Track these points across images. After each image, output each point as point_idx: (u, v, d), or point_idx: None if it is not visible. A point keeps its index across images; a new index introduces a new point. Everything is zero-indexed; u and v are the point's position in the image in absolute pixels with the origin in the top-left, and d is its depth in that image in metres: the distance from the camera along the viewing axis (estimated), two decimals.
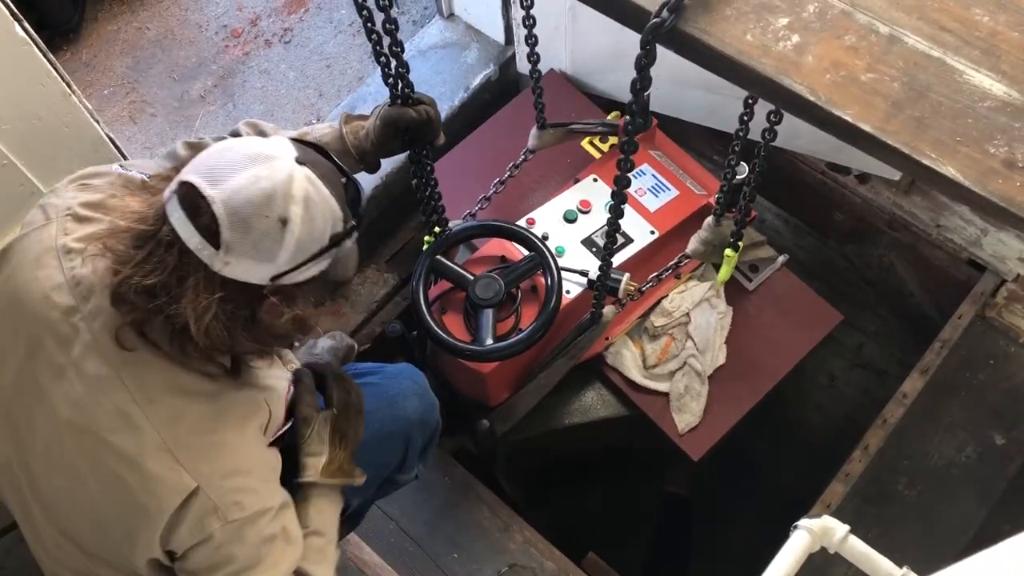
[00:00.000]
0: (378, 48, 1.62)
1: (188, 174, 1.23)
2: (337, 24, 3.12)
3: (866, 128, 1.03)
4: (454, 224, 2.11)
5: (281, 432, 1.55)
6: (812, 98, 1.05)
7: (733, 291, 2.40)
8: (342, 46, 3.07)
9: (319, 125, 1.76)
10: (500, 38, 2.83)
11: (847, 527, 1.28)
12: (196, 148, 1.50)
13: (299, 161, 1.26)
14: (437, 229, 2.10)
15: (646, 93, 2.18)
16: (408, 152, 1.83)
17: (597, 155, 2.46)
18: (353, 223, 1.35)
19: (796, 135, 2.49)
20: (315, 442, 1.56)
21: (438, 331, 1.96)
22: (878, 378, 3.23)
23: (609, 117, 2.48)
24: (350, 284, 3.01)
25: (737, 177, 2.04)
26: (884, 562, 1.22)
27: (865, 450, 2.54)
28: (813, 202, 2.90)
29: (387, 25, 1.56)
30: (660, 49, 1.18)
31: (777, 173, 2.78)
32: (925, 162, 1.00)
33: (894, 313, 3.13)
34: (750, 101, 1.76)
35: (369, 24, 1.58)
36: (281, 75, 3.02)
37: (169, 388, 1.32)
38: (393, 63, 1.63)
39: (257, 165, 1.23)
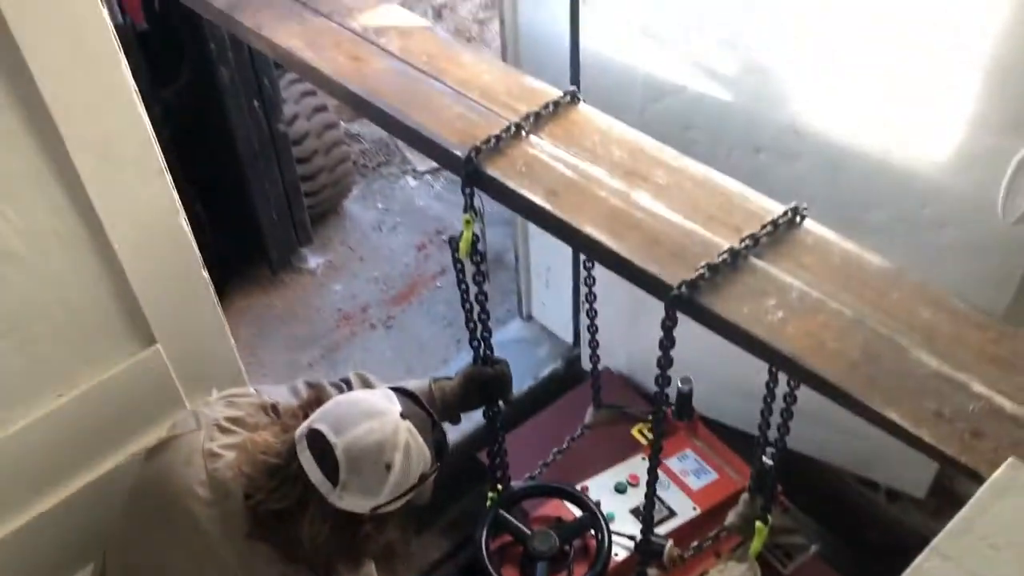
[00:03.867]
0: (469, 315, 2.05)
1: (317, 422, 1.60)
2: (433, 317, 3.65)
3: (829, 379, 1.36)
4: (517, 484, 2.41)
5: None
6: (791, 355, 1.39)
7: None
8: (434, 335, 3.57)
9: (411, 381, 2.15)
10: (569, 339, 3.28)
11: None
12: (316, 388, 1.92)
13: (403, 415, 1.62)
14: (501, 487, 2.39)
15: (688, 388, 2.51)
16: (484, 409, 2.19)
17: (645, 442, 2.77)
18: (438, 464, 1.69)
19: (823, 447, 2.78)
20: None
21: None
22: None
23: None
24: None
25: (765, 461, 2.31)
26: None
27: None
28: (846, 517, 3.08)
29: (479, 296, 1.99)
30: (705, 360, 1.54)
31: (811, 487, 3.01)
32: (874, 407, 1.32)
33: None
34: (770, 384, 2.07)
35: (465, 295, 2.02)
36: (379, 353, 3.51)
37: None
38: (479, 327, 2.04)
39: (372, 420, 1.59)
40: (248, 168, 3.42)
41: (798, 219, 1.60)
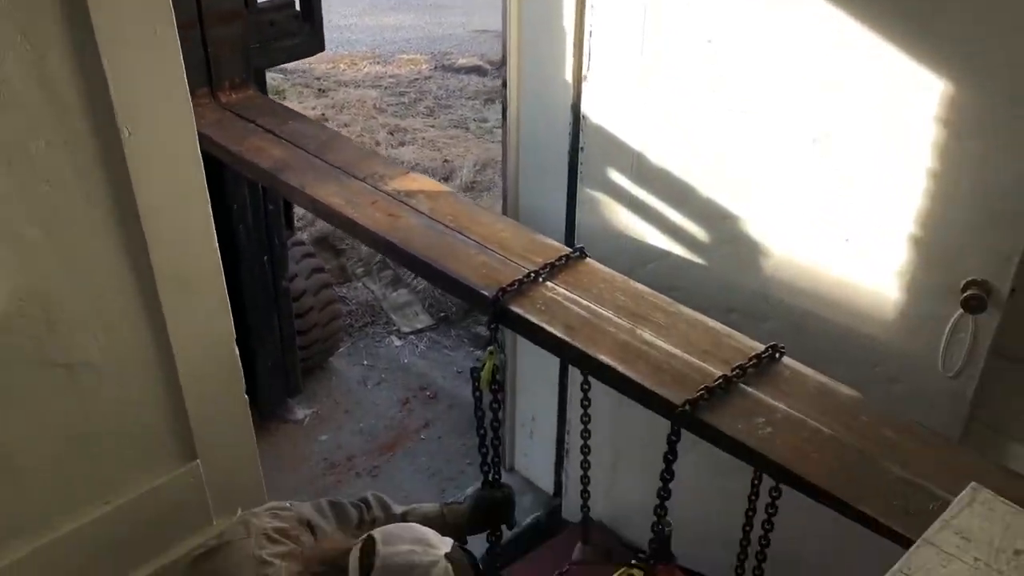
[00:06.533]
0: (483, 440, 2.27)
1: (376, 532, 1.80)
2: (417, 467, 3.81)
3: (815, 482, 1.61)
4: None
5: None
6: (782, 463, 1.65)
7: None
8: (419, 485, 3.72)
9: (424, 504, 2.32)
10: (550, 490, 3.47)
11: None
12: (338, 507, 2.12)
13: (448, 557, 1.78)
14: None
15: (668, 531, 2.71)
16: (487, 532, 2.37)
17: None
18: None
19: None
20: None
21: None
22: None
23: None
24: None
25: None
26: None
27: None
28: None
29: (494, 423, 2.23)
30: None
31: None
32: (852, 505, 1.57)
33: None
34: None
35: (480, 422, 2.25)
36: None
37: None
38: (491, 452, 2.26)
39: (417, 545, 1.78)
40: (251, 318, 3.66)
41: (777, 355, 1.90)
